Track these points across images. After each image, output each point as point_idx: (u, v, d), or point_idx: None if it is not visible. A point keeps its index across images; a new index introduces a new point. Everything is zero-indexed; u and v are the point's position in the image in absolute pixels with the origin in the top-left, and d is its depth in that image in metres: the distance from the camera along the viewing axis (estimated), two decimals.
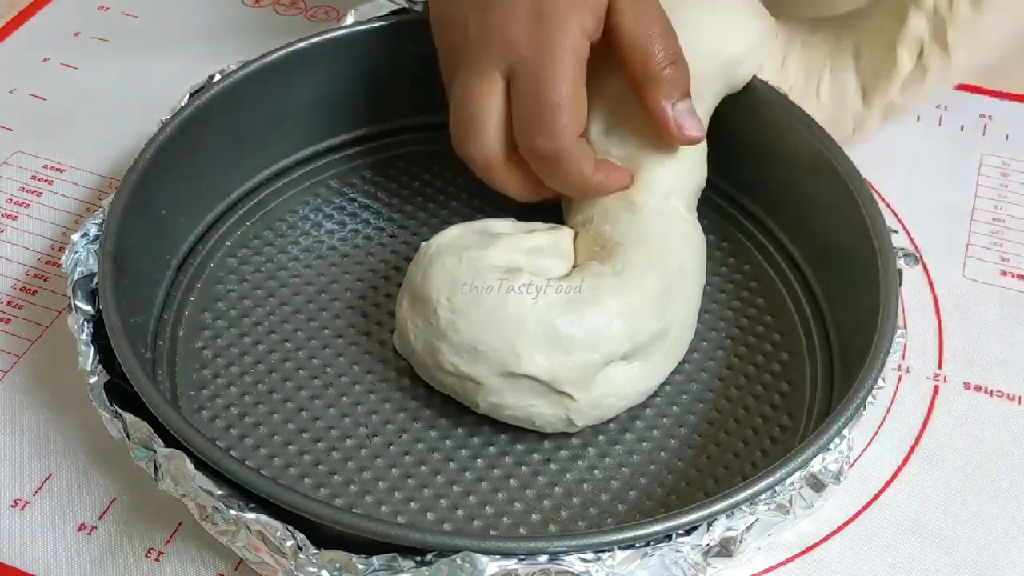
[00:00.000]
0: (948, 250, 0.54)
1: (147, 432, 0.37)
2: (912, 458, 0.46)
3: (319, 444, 0.44)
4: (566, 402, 0.42)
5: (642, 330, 0.43)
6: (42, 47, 0.65)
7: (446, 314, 0.42)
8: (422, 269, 0.44)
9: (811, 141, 0.48)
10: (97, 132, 0.59)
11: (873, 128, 0.52)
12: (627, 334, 0.42)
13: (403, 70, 0.54)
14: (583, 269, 0.44)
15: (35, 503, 0.43)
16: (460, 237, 0.45)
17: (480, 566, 0.34)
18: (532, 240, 0.45)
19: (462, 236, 0.45)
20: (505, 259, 0.44)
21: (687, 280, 0.45)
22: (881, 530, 0.43)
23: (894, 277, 0.42)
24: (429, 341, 0.43)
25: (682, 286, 0.45)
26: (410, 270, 0.45)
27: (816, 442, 0.37)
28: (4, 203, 0.55)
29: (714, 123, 0.50)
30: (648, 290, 0.43)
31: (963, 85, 0.64)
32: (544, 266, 0.45)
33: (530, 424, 0.43)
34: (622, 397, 0.43)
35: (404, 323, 0.44)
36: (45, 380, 0.47)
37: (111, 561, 0.41)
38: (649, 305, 0.43)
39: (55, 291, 0.51)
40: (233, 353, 0.47)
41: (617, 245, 0.45)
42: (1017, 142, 0.60)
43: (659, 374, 0.45)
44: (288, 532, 0.35)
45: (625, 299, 0.43)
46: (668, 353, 0.45)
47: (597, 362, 0.42)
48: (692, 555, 0.36)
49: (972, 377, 0.49)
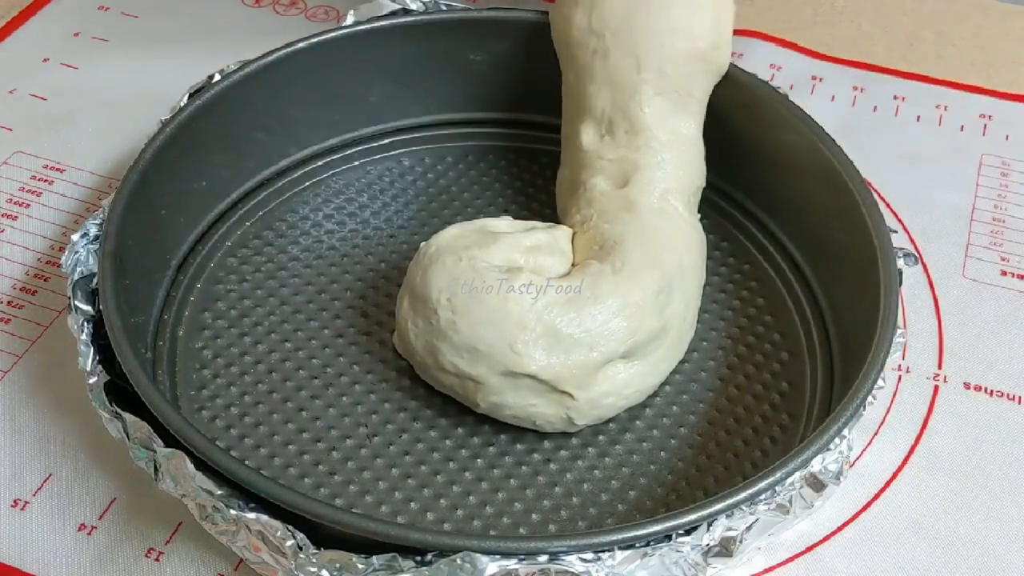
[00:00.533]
0: (948, 250, 0.54)
1: (147, 432, 0.37)
2: (912, 458, 0.46)
3: (319, 444, 0.44)
4: (566, 401, 0.42)
5: (642, 328, 0.43)
6: (42, 47, 0.65)
7: (446, 314, 0.42)
8: (422, 269, 0.44)
9: (811, 141, 0.48)
10: (97, 132, 0.59)
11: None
12: (627, 332, 0.42)
13: (403, 70, 0.54)
14: (582, 268, 0.44)
15: (35, 503, 0.43)
16: (459, 237, 0.45)
17: (480, 566, 0.34)
18: (531, 239, 0.45)
19: (461, 236, 0.45)
20: (505, 258, 0.44)
21: (687, 279, 0.45)
22: (881, 530, 0.43)
23: (894, 277, 0.42)
24: (429, 341, 0.43)
25: (682, 285, 0.45)
26: (410, 270, 0.45)
27: (816, 442, 0.37)
28: (4, 203, 0.55)
29: (714, 123, 0.50)
30: (648, 288, 0.43)
31: (963, 85, 0.64)
32: (544, 265, 0.45)
33: (530, 424, 0.43)
34: (622, 396, 0.43)
35: (404, 323, 0.44)
36: (45, 380, 0.47)
37: (111, 561, 0.41)
38: (649, 303, 0.43)
39: (55, 291, 0.51)
40: (233, 353, 0.47)
41: (616, 244, 0.45)
42: (1017, 142, 0.60)
43: (659, 373, 0.45)
44: (288, 532, 0.35)
45: (625, 297, 0.43)
46: (668, 352, 0.45)
47: (597, 361, 0.42)
48: (692, 555, 0.36)
49: (972, 377, 0.49)
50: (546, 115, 0.56)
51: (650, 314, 0.43)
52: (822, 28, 0.68)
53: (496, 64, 0.55)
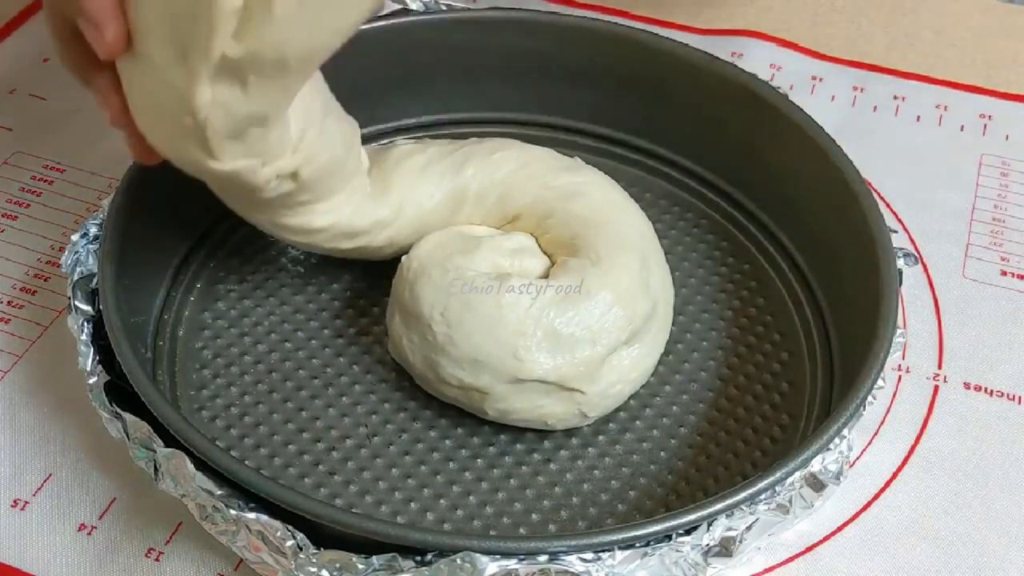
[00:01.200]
0: (948, 250, 0.54)
1: (147, 432, 0.37)
2: (912, 458, 0.45)
3: (319, 444, 0.44)
4: (576, 397, 0.42)
5: (637, 313, 0.43)
6: (42, 47, 0.64)
7: (441, 328, 0.42)
8: (409, 285, 0.44)
9: (811, 141, 0.48)
10: (97, 132, 0.59)
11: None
12: (625, 320, 0.43)
13: (402, 69, 0.54)
14: (561, 266, 0.45)
15: (35, 503, 0.43)
16: (440, 247, 0.45)
17: (480, 566, 0.34)
18: (513, 241, 0.45)
19: (441, 245, 0.45)
20: (491, 263, 0.44)
21: (650, 244, 0.46)
22: (881, 530, 0.43)
23: (894, 277, 0.42)
24: (428, 356, 0.43)
25: (650, 251, 0.46)
26: (395, 286, 0.45)
27: (816, 442, 0.37)
28: (4, 203, 0.55)
29: (714, 124, 0.50)
30: (632, 270, 0.44)
31: (963, 85, 0.64)
32: (528, 267, 0.45)
33: (542, 424, 0.43)
34: (628, 382, 0.44)
35: (399, 338, 0.44)
36: (45, 380, 0.47)
37: (111, 561, 0.41)
38: (636, 285, 0.44)
39: (55, 291, 0.50)
40: (233, 353, 0.47)
41: (576, 236, 0.45)
42: (1017, 142, 0.60)
43: (657, 348, 0.45)
44: (288, 532, 0.35)
45: (614, 287, 0.43)
46: (662, 324, 0.46)
47: (602, 354, 0.42)
48: (692, 555, 0.36)
49: (972, 377, 0.49)
50: (547, 115, 0.56)
51: (640, 295, 0.44)
52: (822, 28, 0.68)
53: (496, 64, 0.55)
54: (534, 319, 0.42)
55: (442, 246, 0.45)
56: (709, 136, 0.49)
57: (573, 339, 0.42)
